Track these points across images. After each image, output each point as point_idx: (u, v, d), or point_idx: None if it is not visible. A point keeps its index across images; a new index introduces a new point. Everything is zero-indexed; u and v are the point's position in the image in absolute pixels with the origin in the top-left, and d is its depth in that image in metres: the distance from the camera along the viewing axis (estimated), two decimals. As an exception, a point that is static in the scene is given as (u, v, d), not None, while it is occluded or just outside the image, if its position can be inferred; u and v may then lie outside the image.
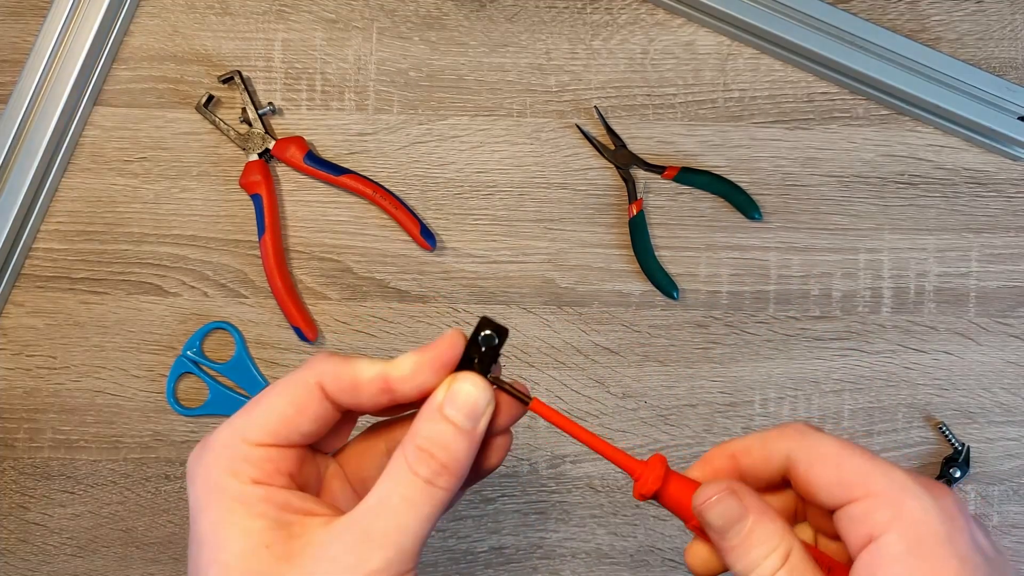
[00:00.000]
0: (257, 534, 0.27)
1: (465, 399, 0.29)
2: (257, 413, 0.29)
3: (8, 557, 0.58)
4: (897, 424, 0.58)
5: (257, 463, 0.29)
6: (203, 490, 0.29)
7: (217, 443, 0.29)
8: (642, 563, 0.58)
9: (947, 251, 0.59)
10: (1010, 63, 0.60)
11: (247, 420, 0.29)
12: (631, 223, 0.58)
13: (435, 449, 0.28)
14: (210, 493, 0.28)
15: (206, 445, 0.29)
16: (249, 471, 0.28)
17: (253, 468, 0.28)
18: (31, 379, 0.58)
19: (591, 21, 0.60)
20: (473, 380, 0.29)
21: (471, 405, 0.29)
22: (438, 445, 0.28)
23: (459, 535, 0.58)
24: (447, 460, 0.28)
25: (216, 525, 0.28)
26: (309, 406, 0.29)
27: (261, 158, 0.58)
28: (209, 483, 0.29)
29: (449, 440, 0.28)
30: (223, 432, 0.29)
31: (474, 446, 0.29)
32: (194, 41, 0.60)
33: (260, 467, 0.29)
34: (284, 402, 0.29)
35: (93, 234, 0.59)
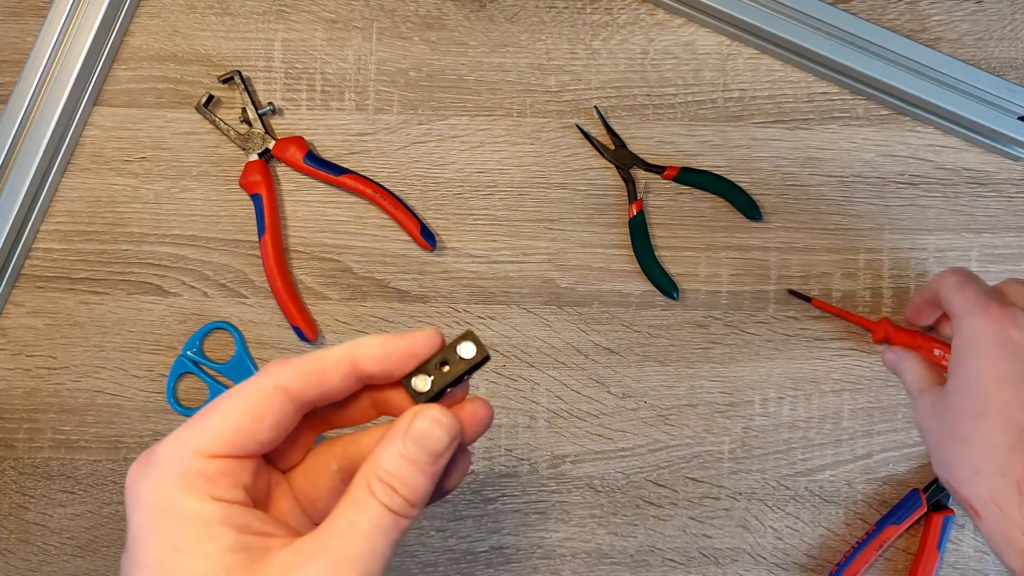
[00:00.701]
0: (217, 558, 0.25)
1: (427, 438, 0.28)
2: (209, 423, 0.27)
3: (8, 557, 0.58)
4: (897, 424, 0.58)
5: (213, 477, 0.27)
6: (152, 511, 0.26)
7: (164, 457, 0.27)
8: (642, 563, 0.58)
9: (947, 251, 0.59)
10: (1010, 63, 0.60)
11: (198, 431, 0.27)
12: (631, 223, 0.58)
13: (396, 484, 0.27)
14: (161, 514, 0.26)
15: (150, 460, 0.27)
16: (205, 486, 0.26)
17: (209, 483, 0.26)
18: (31, 379, 0.58)
19: (591, 21, 0.60)
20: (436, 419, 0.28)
21: (433, 444, 0.28)
22: (399, 480, 0.27)
23: (459, 535, 0.58)
24: (409, 495, 0.27)
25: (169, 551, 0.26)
26: (267, 412, 0.28)
27: (261, 158, 0.58)
28: (160, 503, 0.26)
29: (409, 476, 0.28)
30: (170, 445, 0.27)
31: (434, 481, 0.28)
32: (194, 41, 0.60)
33: (216, 481, 0.27)
34: (239, 410, 0.28)
35: (93, 234, 0.59)
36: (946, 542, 0.57)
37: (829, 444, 0.58)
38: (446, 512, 0.58)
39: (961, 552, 0.58)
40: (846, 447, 0.58)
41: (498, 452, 0.58)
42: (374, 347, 0.29)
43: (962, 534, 0.58)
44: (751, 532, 0.58)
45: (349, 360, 0.29)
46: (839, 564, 0.56)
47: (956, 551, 0.58)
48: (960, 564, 0.58)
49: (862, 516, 0.58)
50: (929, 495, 0.56)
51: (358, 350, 0.29)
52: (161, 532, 0.26)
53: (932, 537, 0.56)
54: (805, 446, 0.58)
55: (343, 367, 0.29)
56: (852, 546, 0.57)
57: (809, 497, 0.58)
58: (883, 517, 0.56)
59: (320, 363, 0.29)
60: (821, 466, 0.58)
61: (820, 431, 0.58)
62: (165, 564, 0.26)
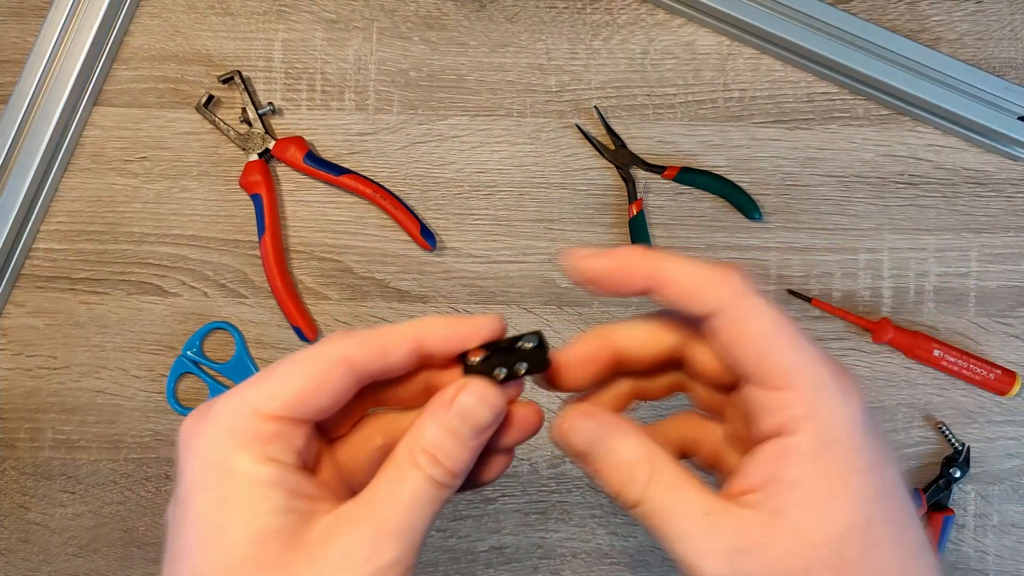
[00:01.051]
0: (265, 518, 0.26)
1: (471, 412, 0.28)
2: (271, 385, 0.27)
3: (9, 557, 0.58)
4: (897, 424, 0.58)
5: (268, 438, 0.27)
6: (205, 466, 0.26)
7: (222, 413, 0.27)
8: (642, 563, 0.58)
9: (947, 251, 0.59)
10: (1010, 63, 0.60)
11: (259, 391, 0.27)
12: (631, 223, 0.58)
13: (440, 455, 0.28)
14: (214, 470, 0.26)
15: (207, 414, 0.27)
16: (260, 446, 0.27)
17: (264, 444, 0.27)
18: (31, 379, 0.58)
19: (591, 21, 0.60)
20: (481, 393, 0.29)
21: (476, 418, 0.28)
22: (442, 452, 0.28)
23: (459, 535, 0.58)
24: (451, 466, 0.28)
25: (219, 506, 0.26)
26: (329, 380, 0.28)
27: (261, 158, 0.58)
28: (213, 458, 0.26)
29: (451, 448, 0.28)
30: (229, 402, 0.27)
31: (475, 455, 0.29)
32: (194, 41, 0.60)
33: (271, 442, 0.27)
34: (302, 375, 0.28)
35: (93, 234, 0.59)
36: (946, 542, 0.57)
37: (829, 444, 0.58)
38: (446, 512, 0.58)
39: (961, 552, 0.58)
40: (846, 447, 0.58)
41: (498, 452, 0.58)
42: (441, 328, 0.29)
43: (962, 534, 0.58)
44: (751, 532, 0.58)
45: (414, 338, 0.29)
46: None
47: (956, 551, 0.58)
48: (960, 564, 0.58)
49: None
50: (929, 495, 0.56)
51: (424, 330, 0.29)
52: (213, 487, 0.26)
53: (932, 537, 0.56)
54: (805, 446, 0.58)
55: (407, 344, 0.29)
56: None
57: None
58: None
59: (385, 338, 0.29)
60: (821, 466, 0.58)
61: (820, 431, 0.58)
62: (214, 519, 0.26)
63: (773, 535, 0.26)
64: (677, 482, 0.28)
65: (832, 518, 0.26)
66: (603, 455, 0.29)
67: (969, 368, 0.57)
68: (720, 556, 0.26)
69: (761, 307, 0.28)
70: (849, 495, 0.26)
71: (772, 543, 0.26)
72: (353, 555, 0.26)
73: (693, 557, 0.26)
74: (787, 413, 0.27)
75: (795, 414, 0.27)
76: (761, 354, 0.27)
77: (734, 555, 0.26)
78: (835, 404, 0.27)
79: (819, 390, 0.27)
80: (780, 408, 0.27)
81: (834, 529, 0.26)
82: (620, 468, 0.28)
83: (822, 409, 0.27)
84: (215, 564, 0.25)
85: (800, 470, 0.26)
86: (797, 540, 0.26)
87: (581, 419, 0.30)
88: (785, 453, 0.27)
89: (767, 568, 0.26)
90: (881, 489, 0.27)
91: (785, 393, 0.27)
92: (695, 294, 0.28)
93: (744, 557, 0.26)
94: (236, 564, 0.25)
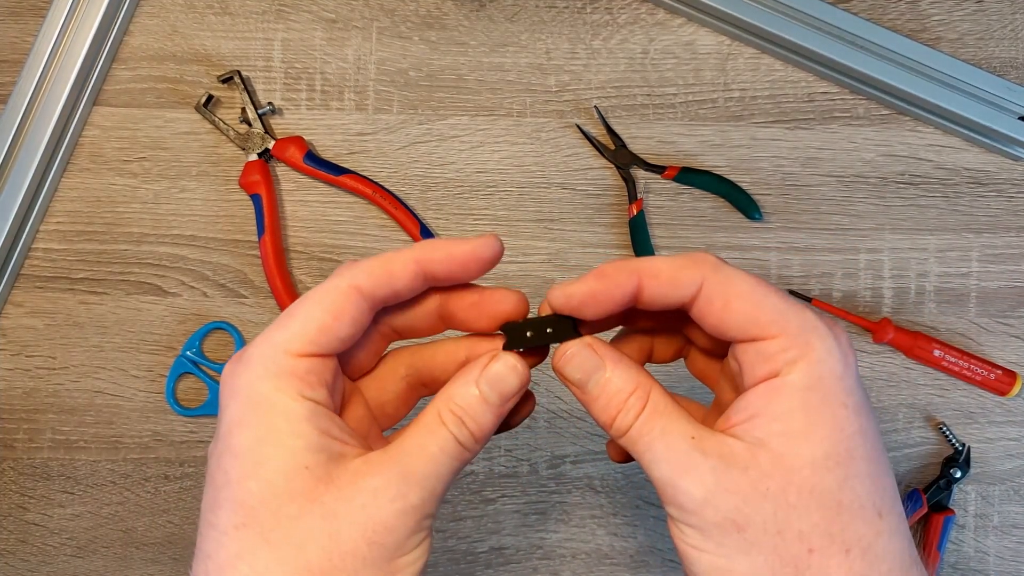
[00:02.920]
0: (299, 453, 0.28)
1: (501, 381, 0.31)
2: (294, 324, 0.29)
3: (8, 558, 0.58)
4: (897, 424, 0.58)
5: (302, 376, 0.29)
6: (246, 404, 0.29)
7: (256, 356, 0.29)
8: (642, 563, 0.58)
9: (947, 251, 0.59)
10: (1010, 63, 0.60)
11: (285, 331, 0.29)
12: (631, 223, 0.58)
13: (465, 417, 0.30)
14: (254, 407, 0.29)
15: (243, 359, 0.29)
16: (294, 384, 0.29)
17: (298, 381, 0.29)
18: (30, 379, 0.58)
19: (591, 21, 0.60)
20: (512, 364, 0.31)
21: (504, 387, 0.31)
22: (468, 414, 0.30)
23: (459, 535, 0.58)
24: (475, 429, 0.30)
25: (257, 441, 0.28)
26: (345, 309, 0.30)
27: (261, 158, 0.58)
28: (253, 397, 0.29)
29: (478, 412, 0.30)
30: (261, 346, 0.29)
31: (499, 420, 0.31)
32: (194, 41, 0.60)
33: (304, 379, 0.29)
34: (320, 309, 0.30)
35: (93, 234, 0.59)
36: (947, 543, 0.57)
37: (829, 444, 0.58)
38: (446, 513, 0.58)
39: (962, 552, 0.58)
40: (846, 447, 0.58)
41: (498, 452, 0.58)
42: (440, 249, 0.31)
43: (963, 535, 0.58)
44: (751, 532, 0.58)
45: (415, 260, 0.31)
46: None
47: (956, 551, 0.58)
48: (961, 564, 0.58)
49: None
50: (929, 495, 0.56)
51: (424, 252, 0.31)
52: (252, 424, 0.28)
53: (933, 537, 0.56)
54: (805, 446, 0.58)
55: (410, 267, 0.31)
56: None
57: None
58: None
59: (388, 264, 0.31)
60: (821, 466, 0.58)
61: (820, 431, 0.58)
62: (253, 453, 0.28)
63: (755, 458, 0.28)
64: (666, 411, 0.30)
65: (813, 446, 0.27)
66: (598, 384, 0.31)
67: (970, 368, 0.57)
68: (702, 474, 0.28)
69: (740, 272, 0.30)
70: (833, 427, 0.28)
71: (753, 465, 0.27)
72: (380, 495, 0.28)
73: (677, 476, 0.28)
74: (781, 357, 0.28)
75: (788, 356, 0.28)
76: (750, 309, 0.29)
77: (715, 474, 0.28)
78: (827, 344, 0.28)
79: (810, 332, 0.28)
80: (774, 353, 0.28)
81: (814, 455, 0.27)
82: (614, 397, 0.30)
83: (813, 350, 0.28)
84: (253, 493, 0.28)
85: (787, 404, 0.28)
86: (777, 464, 0.27)
87: (578, 349, 0.31)
88: (775, 390, 0.28)
89: (747, 487, 0.27)
90: (863, 429, 0.28)
91: (778, 339, 0.28)
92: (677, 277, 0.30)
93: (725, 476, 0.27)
94: (272, 494, 0.28)
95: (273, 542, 0.27)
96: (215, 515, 0.28)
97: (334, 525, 0.28)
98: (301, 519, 0.28)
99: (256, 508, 0.28)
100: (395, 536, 0.28)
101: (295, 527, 0.28)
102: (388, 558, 0.28)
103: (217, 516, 0.28)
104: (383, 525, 0.28)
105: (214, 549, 0.28)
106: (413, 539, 0.29)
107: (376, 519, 0.28)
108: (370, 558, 0.28)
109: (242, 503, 0.28)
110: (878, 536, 0.28)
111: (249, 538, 0.28)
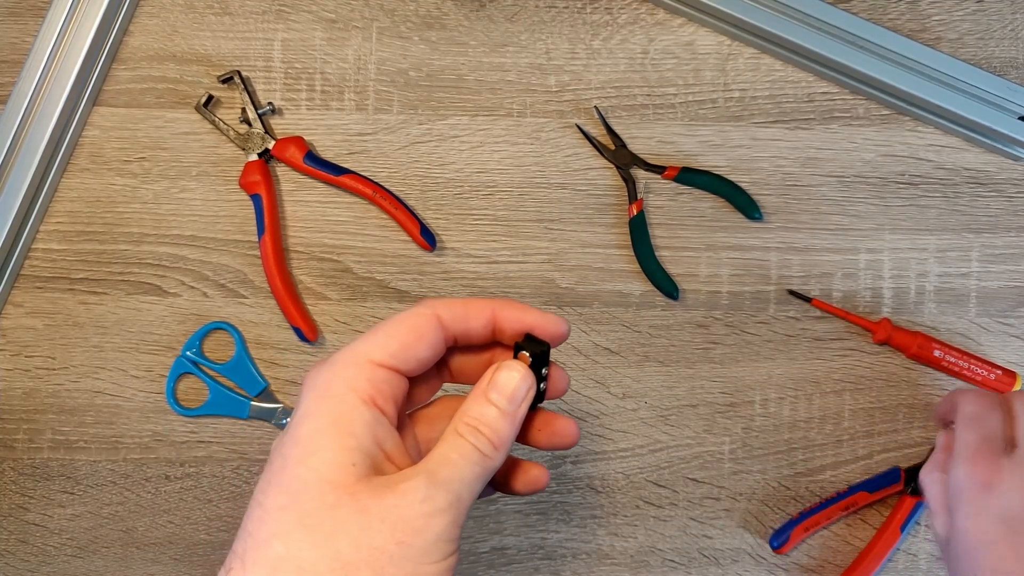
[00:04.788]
0: (348, 452, 0.30)
1: (506, 385, 0.33)
2: (379, 337, 0.32)
3: (8, 558, 0.58)
4: (898, 425, 0.58)
5: (375, 383, 0.32)
6: (318, 399, 0.31)
7: (340, 360, 0.32)
8: (642, 564, 0.58)
9: (947, 251, 0.59)
10: (1011, 63, 0.60)
11: (370, 343, 0.32)
12: (631, 223, 0.58)
13: (483, 427, 0.32)
14: (325, 401, 0.31)
15: (328, 361, 0.32)
16: (367, 389, 0.31)
17: (371, 387, 0.31)
18: (30, 380, 0.58)
19: (591, 21, 0.60)
20: (514, 367, 0.33)
21: (511, 391, 0.33)
22: (483, 423, 0.32)
23: (461, 536, 0.58)
24: (491, 436, 0.32)
25: (317, 432, 0.30)
26: (427, 333, 0.33)
27: (261, 158, 0.58)
28: (327, 392, 0.31)
29: (492, 419, 0.32)
30: (346, 353, 0.32)
31: (514, 424, 0.33)
32: (193, 41, 0.60)
33: (377, 387, 0.32)
34: (405, 329, 0.33)
35: (92, 234, 0.59)
36: (911, 525, 0.56)
37: (830, 444, 0.58)
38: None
39: (962, 552, 0.58)
40: (847, 447, 0.58)
41: (498, 452, 0.58)
42: (515, 310, 0.35)
43: (963, 534, 0.58)
44: (751, 533, 0.58)
45: (491, 309, 0.34)
46: (802, 512, 0.56)
47: (957, 551, 0.58)
48: (961, 564, 0.58)
49: (863, 516, 0.58)
50: (908, 477, 0.56)
51: (501, 306, 0.35)
52: (317, 415, 0.31)
53: (899, 517, 0.56)
54: (806, 446, 0.58)
55: (486, 314, 0.34)
56: (821, 500, 0.57)
57: (810, 497, 0.58)
58: (858, 484, 0.56)
59: (469, 305, 0.34)
60: (822, 466, 0.58)
61: (821, 431, 0.58)
62: (311, 442, 0.30)
63: None
64: None
65: None
66: None
67: (970, 368, 0.57)
68: None
69: None
70: None
71: None
72: (410, 495, 0.30)
73: None
74: None
75: None
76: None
77: None
78: None
79: None
80: None
81: None
82: None
83: None
84: (300, 478, 0.30)
85: None
86: None
87: None
88: None
89: None
90: None
91: None
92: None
93: None
94: (316, 482, 0.30)
95: (309, 527, 0.29)
96: (264, 495, 0.30)
97: (366, 519, 0.29)
98: (337, 509, 0.29)
99: (300, 493, 0.30)
100: (423, 538, 0.29)
101: (330, 516, 0.29)
102: (415, 560, 0.29)
103: (265, 496, 0.30)
104: (411, 525, 0.29)
105: (256, 527, 0.30)
106: (440, 547, 0.30)
107: (405, 518, 0.29)
108: (397, 556, 0.29)
109: (288, 487, 0.30)
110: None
111: (288, 520, 0.29)
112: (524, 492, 0.38)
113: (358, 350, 0.32)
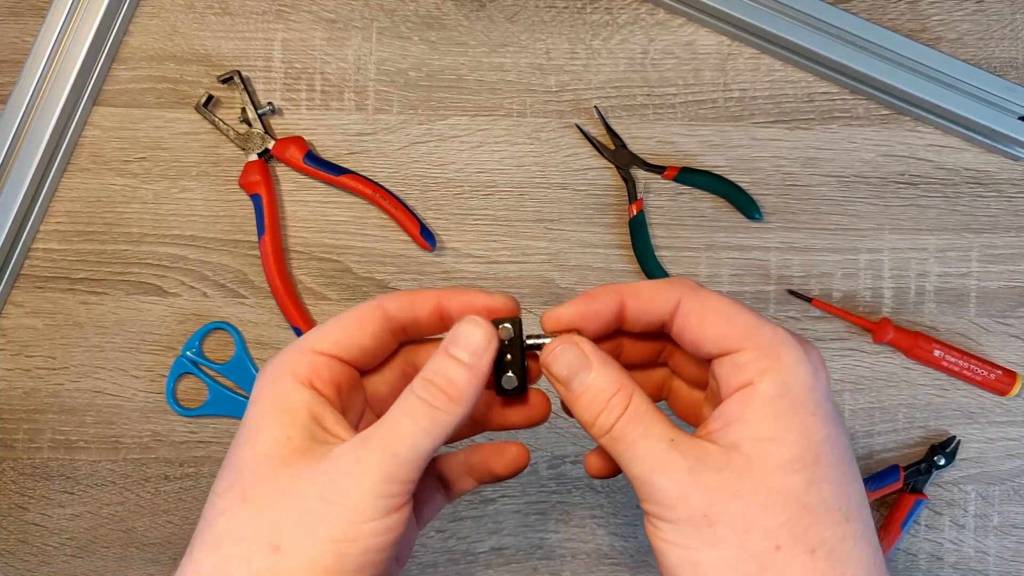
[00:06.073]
0: (283, 427, 0.31)
1: (466, 337, 0.32)
2: (325, 328, 0.34)
3: (7, 558, 0.58)
4: (897, 424, 0.58)
5: (315, 367, 0.32)
6: (264, 387, 0.33)
7: (285, 351, 0.33)
8: (642, 563, 0.58)
9: (947, 251, 0.59)
10: (1010, 63, 0.60)
11: (315, 334, 0.34)
12: (631, 223, 0.58)
13: (437, 379, 0.31)
14: (268, 387, 0.32)
15: (279, 352, 0.34)
16: (307, 373, 0.32)
17: (311, 371, 0.32)
18: (30, 379, 0.58)
19: (591, 21, 0.60)
20: (474, 321, 0.33)
21: (468, 339, 0.32)
22: (440, 376, 0.32)
23: (459, 536, 0.58)
24: (447, 387, 0.31)
25: (259, 414, 0.32)
26: (369, 323, 0.34)
27: (261, 158, 0.58)
28: (270, 380, 0.33)
29: (451, 372, 0.32)
30: (292, 344, 0.34)
31: (476, 377, 0.32)
32: (193, 41, 0.60)
33: (317, 372, 0.32)
34: (349, 320, 0.34)
35: (92, 234, 0.59)
36: (911, 524, 0.56)
37: (829, 444, 0.58)
38: (446, 513, 0.58)
39: (962, 553, 0.58)
40: (846, 447, 0.58)
41: (498, 452, 0.58)
42: (462, 295, 0.35)
43: (963, 535, 0.58)
44: (751, 532, 0.58)
45: (437, 297, 0.35)
46: None
47: (957, 551, 0.58)
48: (961, 564, 0.58)
49: (862, 516, 0.58)
50: (907, 475, 0.56)
51: (446, 295, 0.35)
52: (261, 399, 0.32)
53: (900, 514, 0.56)
54: (805, 446, 0.58)
55: (431, 302, 0.35)
56: None
57: (809, 497, 0.58)
58: None
59: (414, 295, 0.35)
60: (821, 466, 0.58)
61: (820, 431, 0.58)
62: (254, 423, 0.32)
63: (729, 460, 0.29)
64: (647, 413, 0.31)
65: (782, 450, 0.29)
66: (583, 383, 0.32)
67: (970, 368, 0.57)
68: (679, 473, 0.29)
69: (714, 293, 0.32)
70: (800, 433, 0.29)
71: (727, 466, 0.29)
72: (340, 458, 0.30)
73: (655, 474, 0.30)
74: (753, 367, 0.30)
75: (760, 366, 0.30)
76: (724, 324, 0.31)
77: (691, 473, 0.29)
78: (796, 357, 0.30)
79: (780, 346, 0.30)
80: (746, 364, 0.30)
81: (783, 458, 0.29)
82: (598, 396, 0.32)
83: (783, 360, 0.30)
84: (243, 458, 0.31)
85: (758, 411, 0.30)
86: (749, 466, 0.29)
87: (565, 347, 0.33)
88: (748, 399, 0.30)
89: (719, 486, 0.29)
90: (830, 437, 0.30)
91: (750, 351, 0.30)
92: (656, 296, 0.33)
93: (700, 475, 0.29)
94: (256, 459, 0.31)
95: (248, 500, 0.30)
96: (217, 482, 0.31)
97: (298, 485, 0.30)
98: (273, 480, 0.30)
99: (243, 471, 0.31)
100: (352, 496, 0.29)
101: (267, 487, 0.30)
102: (347, 520, 0.29)
103: (218, 482, 0.31)
104: (339, 484, 0.30)
105: (207, 509, 0.31)
106: (374, 503, 0.29)
107: (333, 478, 0.30)
108: (329, 515, 0.29)
109: (235, 467, 0.31)
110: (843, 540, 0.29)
111: (233, 497, 0.30)
112: (507, 474, 0.37)
113: (303, 341, 0.33)
